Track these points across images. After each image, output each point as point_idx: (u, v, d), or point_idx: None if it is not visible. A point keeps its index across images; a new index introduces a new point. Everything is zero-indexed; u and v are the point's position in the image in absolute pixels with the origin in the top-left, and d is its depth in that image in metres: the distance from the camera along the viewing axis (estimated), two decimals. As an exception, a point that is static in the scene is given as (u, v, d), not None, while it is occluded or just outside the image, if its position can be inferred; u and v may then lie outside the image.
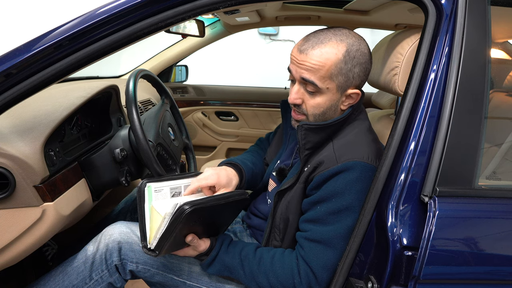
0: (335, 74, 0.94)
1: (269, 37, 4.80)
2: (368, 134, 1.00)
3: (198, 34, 2.16)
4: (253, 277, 0.96)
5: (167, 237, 0.88)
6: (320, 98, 0.97)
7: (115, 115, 1.45)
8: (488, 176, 1.02)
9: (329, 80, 0.94)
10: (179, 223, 0.85)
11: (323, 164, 0.94)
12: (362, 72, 0.97)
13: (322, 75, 0.93)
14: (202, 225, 0.95)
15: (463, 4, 0.85)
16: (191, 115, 2.73)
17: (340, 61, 0.93)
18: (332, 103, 0.98)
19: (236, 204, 0.97)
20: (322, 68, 0.93)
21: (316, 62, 0.93)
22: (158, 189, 0.96)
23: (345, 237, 0.91)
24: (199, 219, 0.91)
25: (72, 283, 1.03)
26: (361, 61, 0.96)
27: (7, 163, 0.86)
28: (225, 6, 0.84)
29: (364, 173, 0.91)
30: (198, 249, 0.97)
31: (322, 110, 0.99)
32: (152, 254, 0.91)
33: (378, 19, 1.90)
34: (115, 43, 0.82)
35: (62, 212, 0.98)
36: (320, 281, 0.92)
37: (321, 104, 0.98)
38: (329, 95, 0.97)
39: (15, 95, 0.80)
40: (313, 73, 0.93)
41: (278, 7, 1.95)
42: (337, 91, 0.97)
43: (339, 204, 0.91)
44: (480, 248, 0.82)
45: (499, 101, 1.22)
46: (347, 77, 0.95)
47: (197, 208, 0.86)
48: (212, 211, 0.92)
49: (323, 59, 0.92)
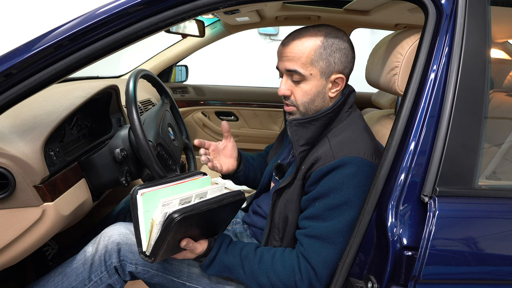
0: (315, 60, 0.98)
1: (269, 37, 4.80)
2: (364, 132, 1.02)
3: (198, 34, 2.16)
4: (254, 276, 0.96)
5: (160, 245, 0.87)
6: (306, 86, 1.01)
7: (115, 115, 1.45)
8: (488, 176, 1.02)
9: (311, 67, 0.99)
10: (170, 231, 0.85)
11: (320, 160, 0.95)
12: (344, 57, 1.01)
13: (303, 62, 0.98)
14: (197, 228, 0.94)
15: (463, 4, 0.85)
16: (191, 115, 2.72)
17: (319, 47, 0.98)
18: (318, 90, 1.01)
19: (231, 205, 0.96)
20: (302, 56, 0.98)
21: (296, 51, 0.99)
22: (166, 202, 0.94)
23: (344, 232, 0.91)
24: (193, 224, 0.91)
25: (71, 284, 1.03)
26: (340, 46, 1.00)
27: (7, 163, 0.86)
28: (225, 6, 0.84)
29: (361, 168, 0.92)
30: (195, 252, 0.97)
31: (310, 97, 1.02)
32: (148, 260, 0.91)
33: (378, 19, 1.90)
34: (115, 43, 0.82)
35: (62, 212, 0.98)
36: (320, 278, 0.92)
37: (308, 91, 1.01)
38: (314, 82, 1.00)
39: (15, 95, 0.80)
40: (295, 61, 0.99)
41: (278, 7, 1.95)
42: (321, 77, 1.00)
43: (337, 200, 0.91)
44: (480, 248, 0.82)
45: (499, 101, 1.22)
46: (328, 62, 0.99)
47: (186, 216, 0.85)
48: (205, 216, 0.91)
49: (302, 47, 0.98)
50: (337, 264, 0.91)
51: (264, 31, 4.71)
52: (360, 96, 1.12)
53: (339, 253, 0.91)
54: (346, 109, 1.04)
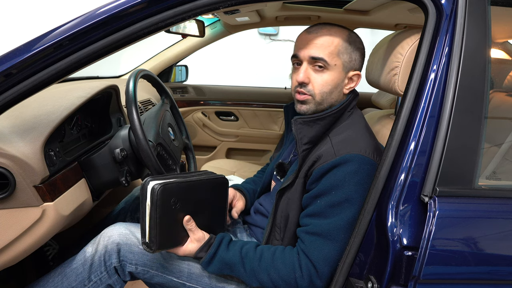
0: (341, 52, 1.02)
1: (269, 37, 4.79)
2: (366, 131, 1.03)
3: (198, 34, 2.16)
4: (254, 274, 0.96)
5: (154, 225, 0.91)
6: (328, 75, 1.02)
7: (115, 115, 1.45)
8: (488, 176, 1.02)
9: (336, 57, 1.01)
10: (157, 206, 0.89)
11: (322, 158, 0.96)
12: (361, 57, 1.07)
13: (331, 51, 1.00)
14: (190, 209, 0.97)
15: (463, 4, 0.85)
16: (191, 115, 2.72)
17: (345, 41, 1.02)
18: (338, 82, 1.03)
19: (214, 186, 1.01)
20: (331, 45, 1.01)
21: (326, 39, 1.01)
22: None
23: (345, 229, 0.91)
24: (179, 202, 0.94)
25: (71, 285, 1.03)
26: (360, 46, 1.06)
27: (7, 163, 0.86)
28: (225, 6, 0.84)
29: (362, 166, 0.92)
30: (195, 236, 0.98)
31: (329, 88, 1.02)
32: (149, 250, 0.93)
33: (378, 19, 1.89)
34: (115, 43, 0.82)
35: (62, 212, 0.98)
36: (321, 275, 0.92)
37: (329, 82, 1.02)
38: (336, 73, 1.02)
39: (15, 95, 0.80)
40: (323, 49, 1.00)
41: (278, 7, 1.95)
42: (342, 70, 1.03)
43: (338, 197, 0.92)
44: (480, 248, 0.82)
45: (499, 101, 1.22)
46: (350, 58, 1.03)
47: (167, 186, 0.90)
48: (189, 193, 0.95)
49: (331, 37, 1.01)
50: (338, 262, 0.91)
51: (264, 31, 4.71)
52: (360, 96, 1.12)
53: (340, 250, 0.91)
54: (348, 110, 1.05)
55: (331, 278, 0.92)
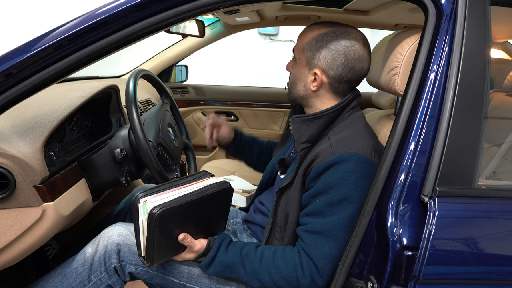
0: (306, 48, 1.05)
1: (269, 37, 4.80)
2: (365, 130, 1.02)
3: (198, 34, 2.16)
4: (255, 274, 0.96)
5: (151, 245, 0.87)
6: (295, 69, 1.10)
7: (115, 115, 1.45)
8: (488, 176, 1.02)
9: (301, 53, 1.06)
10: (155, 229, 0.84)
11: (320, 156, 0.96)
12: (330, 58, 1.01)
13: (298, 47, 1.08)
14: (189, 224, 0.93)
15: (463, 4, 0.85)
16: (191, 115, 2.72)
17: (313, 39, 1.03)
18: (301, 76, 1.07)
19: (218, 196, 0.94)
20: (301, 42, 1.07)
21: (304, 35, 1.07)
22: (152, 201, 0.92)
23: (345, 227, 0.92)
24: (179, 219, 0.90)
25: (71, 285, 1.03)
26: (332, 47, 1.01)
27: (7, 163, 0.86)
28: (225, 6, 0.84)
29: (359, 164, 0.93)
30: (194, 249, 0.97)
31: (294, 80, 1.10)
32: (146, 264, 0.91)
33: (378, 19, 1.89)
34: (115, 43, 0.82)
35: (62, 212, 0.98)
36: (322, 273, 0.92)
37: (294, 74, 1.10)
38: (300, 67, 1.08)
39: (15, 95, 0.80)
40: (297, 45, 1.09)
41: (278, 7, 1.94)
42: (305, 65, 1.06)
43: (337, 195, 0.92)
44: (480, 248, 0.82)
45: (499, 101, 1.22)
46: (313, 54, 1.04)
47: (166, 210, 0.83)
48: (191, 209, 0.90)
49: (307, 33, 1.06)
50: (339, 260, 0.91)
51: (264, 31, 4.71)
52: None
53: (340, 248, 0.92)
54: (348, 110, 1.05)
55: (332, 276, 0.92)
